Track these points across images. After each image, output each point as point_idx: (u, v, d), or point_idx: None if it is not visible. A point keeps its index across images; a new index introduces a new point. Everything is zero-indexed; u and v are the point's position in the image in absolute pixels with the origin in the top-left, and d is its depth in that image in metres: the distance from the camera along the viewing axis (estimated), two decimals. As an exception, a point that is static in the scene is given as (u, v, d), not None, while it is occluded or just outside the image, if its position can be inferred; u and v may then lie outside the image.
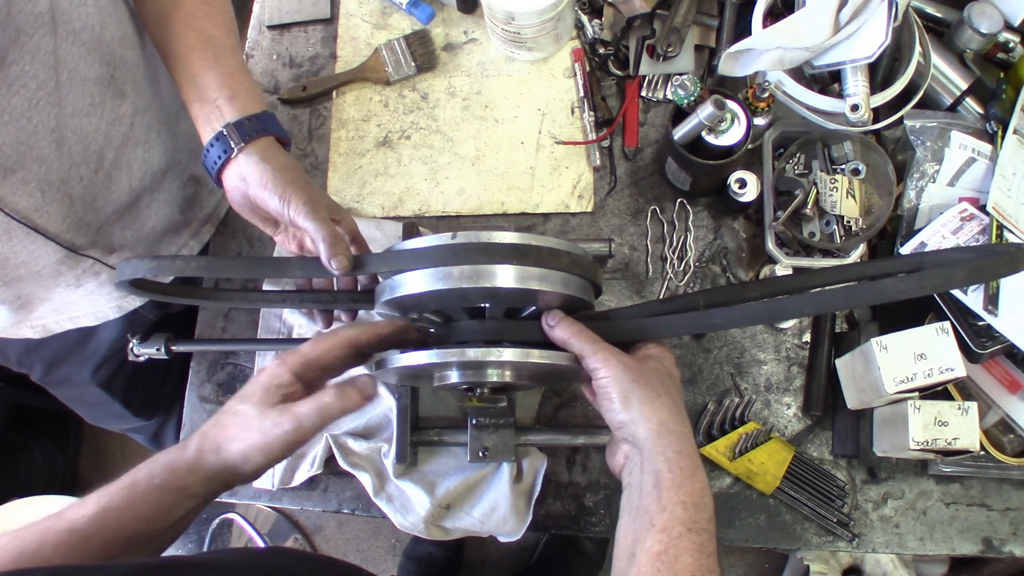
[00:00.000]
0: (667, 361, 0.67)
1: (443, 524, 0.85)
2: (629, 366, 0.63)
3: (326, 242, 0.69)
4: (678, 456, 0.59)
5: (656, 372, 0.64)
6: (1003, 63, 0.97)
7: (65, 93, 0.71)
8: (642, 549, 0.56)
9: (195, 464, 0.62)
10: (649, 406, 0.61)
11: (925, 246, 0.86)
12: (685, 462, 0.59)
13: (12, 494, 1.32)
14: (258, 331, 0.98)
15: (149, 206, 0.90)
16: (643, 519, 0.58)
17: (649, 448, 0.60)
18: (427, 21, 1.10)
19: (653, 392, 0.62)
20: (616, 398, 0.62)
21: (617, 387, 0.62)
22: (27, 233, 0.75)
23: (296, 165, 0.75)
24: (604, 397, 0.63)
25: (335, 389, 0.62)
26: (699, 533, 0.56)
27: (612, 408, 0.62)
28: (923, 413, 0.78)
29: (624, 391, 0.62)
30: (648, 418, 0.61)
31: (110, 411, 1.15)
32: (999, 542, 0.87)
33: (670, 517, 0.56)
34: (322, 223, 0.70)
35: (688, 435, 0.61)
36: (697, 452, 0.61)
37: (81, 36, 0.71)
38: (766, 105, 0.91)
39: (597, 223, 1.00)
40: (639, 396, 0.61)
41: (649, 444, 0.60)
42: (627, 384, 0.62)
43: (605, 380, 0.63)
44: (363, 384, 0.63)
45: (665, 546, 0.55)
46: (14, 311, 0.86)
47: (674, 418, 0.61)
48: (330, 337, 0.67)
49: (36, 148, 0.70)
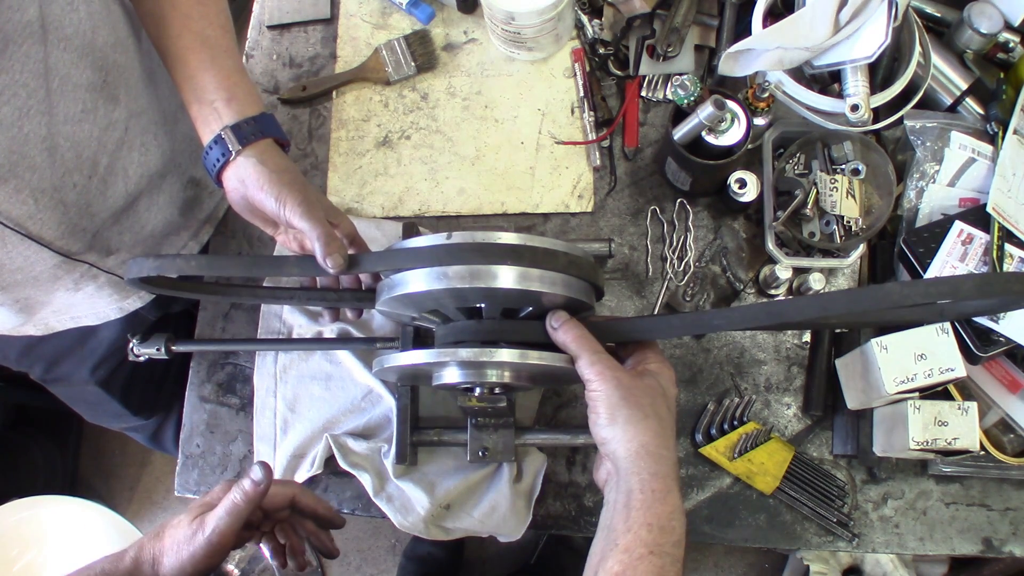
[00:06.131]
0: (664, 379, 0.67)
1: (443, 524, 0.85)
2: (622, 383, 0.63)
3: (320, 241, 0.70)
4: (652, 478, 0.59)
5: (648, 391, 0.64)
6: (1003, 63, 0.97)
7: (56, 101, 0.70)
8: (604, 568, 0.56)
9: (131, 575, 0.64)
10: (634, 427, 0.61)
11: None
12: (658, 484, 0.59)
13: (12, 494, 1.32)
14: (258, 331, 0.98)
15: (148, 209, 0.90)
16: (610, 538, 0.58)
17: (625, 468, 0.60)
18: (427, 21, 1.10)
19: (641, 413, 0.62)
20: (603, 413, 0.62)
21: (606, 402, 0.62)
22: (21, 240, 0.74)
23: (293, 167, 0.76)
24: (592, 410, 0.63)
25: (236, 488, 0.66)
26: (661, 556, 0.56)
27: (598, 423, 0.63)
28: (923, 413, 0.78)
29: (612, 407, 0.62)
30: (630, 439, 0.61)
31: (109, 410, 1.15)
32: (999, 542, 0.87)
33: (634, 538, 0.57)
34: (317, 223, 0.71)
35: (668, 458, 0.61)
36: (674, 475, 0.61)
37: (72, 42, 0.70)
38: (766, 105, 0.91)
39: (597, 223, 1.00)
40: (625, 415, 0.61)
41: (626, 464, 0.60)
42: (616, 400, 0.62)
43: (595, 394, 0.63)
44: (253, 473, 0.66)
45: (624, 567, 0.55)
46: (16, 313, 0.87)
47: (656, 440, 0.61)
48: (285, 488, 0.73)
49: (28, 157, 0.69)
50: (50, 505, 1.31)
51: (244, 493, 0.65)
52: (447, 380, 0.72)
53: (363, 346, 0.92)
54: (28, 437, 1.81)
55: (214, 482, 0.92)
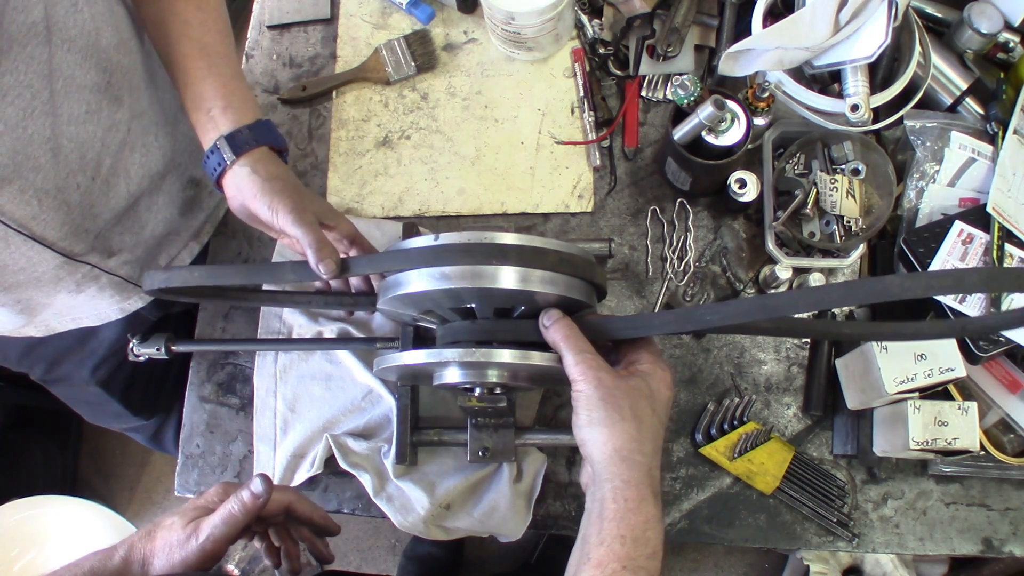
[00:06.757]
0: (656, 380, 0.64)
1: (443, 524, 0.85)
2: (604, 383, 0.61)
3: (312, 248, 0.72)
4: (625, 486, 0.57)
5: (633, 392, 0.61)
6: (1003, 63, 0.97)
7: (60, 102, 0.70)
8: None
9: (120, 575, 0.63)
10: (609, 429, 0.59)
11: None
12: (631, 493, 0.57)
13: (12, 494, 1.32)
14: (258, 331, 0.98)
15: (149, 209, 0.90)
16: (584, 550, 0.57)
17: (600, 473, 0.59)
18: (427, 21, 1.10)
19: (618, 415, 0.59)
20: (582, 413, 0.61)
21: (586, 403, 0.61)
22: (24, 241, 0.74)
23: (286, 174, 0.78)
24: (574, 410, 0.62)
25: (234, 497, 0.65)
26: (635, 572, 0.54)
27: (577, 423, 0.61)
28: (923, 413, 0.78)
29: (591, 408, 0.60)
30: (604, 441, 0.59)
31: (109, 410, 1.15)
32: (999, 542, 0.87)
33: (607, 552, 0.55)
34: (308, 229, 0.72)
35: (643, 464, 0.59)
36: (648, 482, 0.58)
37: (76, 43, 0.70)
38: (766, 105, 0.91)
39: (597, 223, 1.00)
40: (601, 417, 0.60)
41: (600, 468, 0.59)
42: (596, 401, 0.60)
43: (577, 393, 0.61)
44: (254, 486, 0.66)
45: None
46: (17, 314, 0.87)
47: (630, 445, 0.59)
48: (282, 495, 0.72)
49: (32, 158, 0.69)
50: (50, 505, 1.31)
51: (243, 504, 0.64)
52: (447, 380, 0.72)
53: (363, 346, 0.92)
54: (28, 437, 1.81)
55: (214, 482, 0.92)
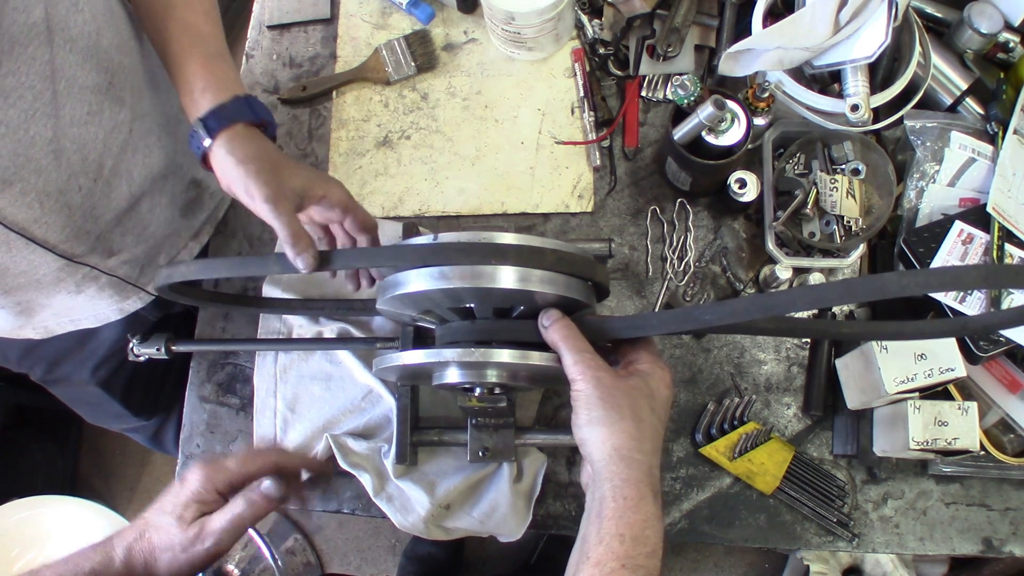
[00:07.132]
0: (655, 380, 0.64)
1: (443, 524, 0.85)
2: (603, 382, 0.61)
3: (288, 241, 0.67)
4: (624, 484, 0.57)
5: (632, 392, 0.61)
6: (1003, 63, 0.97)
7: (62, 103, 0.70)
8: None
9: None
10: (608, 428, 0.59)
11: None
12: (630, 491, 0.57)
13: (12, 494, 1.32)
14: (258, 331, 0.98)
15: (150, 211, 0.90)
16: (583, 549, 0.57)
17: (599, 472, 0.59)
18: (427, 21, 1.10)
19: (617, 414, 0.59)
20: (582, 413, 0.61)
21: (584, 402, 0.61)
22: (26, 244, 0.74)
23: (263, 152, 0.72)
24: (573, 409, 0.62)
25: (244, 499, 0.64)
26: (634, 570, 0.54)
27: (576, 423, 0.61)
28: (923, 413, 0.78)
29: (590, 407, 0.60)
30: (603, 440, 0.59)
31: (110, 411, 1.15)
32: (999, 542, 0.87)
33: (605, 550, 0.55)
34: (284, 221, 0.68)
35: (643, 463, 0.59)
36: (648, 481, 0.58)
37: (78, 44, 0.70)
38: (766, 105, 0.91)
39: (597, 223, 1.00)
40: (600, 416, 0.60)
41: (600, 467, 0.59)
42: (595, 401, 0.60)
43: (576, 393, 0.61)
44: (267, 489, 0.65)
45: None
46: (15, 315, 0.87)
47: (630, 444, 0.59)
48: (259, 458, 0.70)
49: (34, 159, 0.69)
50: (50, 505, 1.31)
51: (253, 507, 0.64)
52: (447, 380, 0.72)
53: (363, 346, 0.92)
54: (28, 437, 1.81)
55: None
